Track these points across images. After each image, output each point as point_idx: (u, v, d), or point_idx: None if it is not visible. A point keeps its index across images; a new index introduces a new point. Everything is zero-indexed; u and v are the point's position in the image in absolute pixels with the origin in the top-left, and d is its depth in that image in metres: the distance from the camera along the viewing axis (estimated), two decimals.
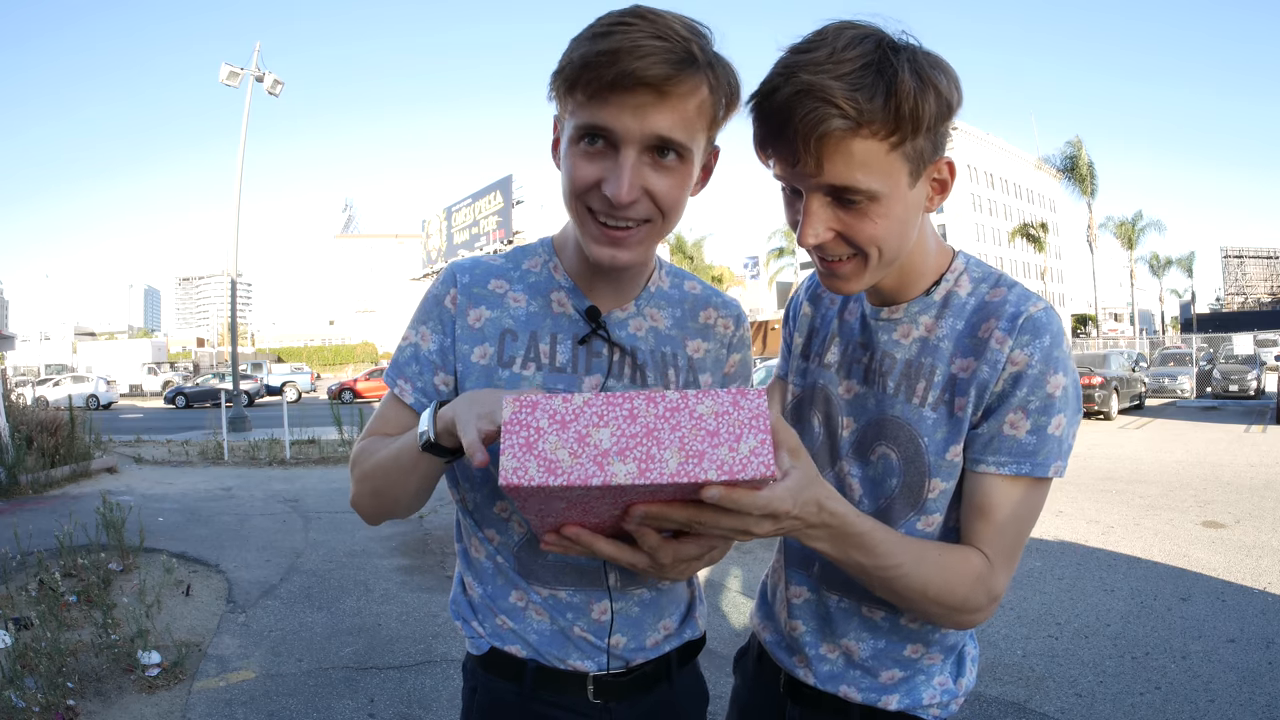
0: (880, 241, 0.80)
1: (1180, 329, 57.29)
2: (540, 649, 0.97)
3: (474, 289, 0.96)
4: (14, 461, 7.48)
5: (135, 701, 2.96)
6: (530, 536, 0.96)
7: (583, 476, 0.59)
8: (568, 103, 0.80)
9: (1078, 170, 35.34)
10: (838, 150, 0.74)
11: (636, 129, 0.77)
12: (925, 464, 0.87)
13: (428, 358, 0.96)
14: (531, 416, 0.61)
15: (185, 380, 34.12)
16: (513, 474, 0.59)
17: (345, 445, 10.47)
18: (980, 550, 0.84)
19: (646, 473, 0.59)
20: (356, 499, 0.97)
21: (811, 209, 0.79)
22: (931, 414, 0.87)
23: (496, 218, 33.44)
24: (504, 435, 0.61)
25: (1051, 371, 0.82)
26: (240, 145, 17.11)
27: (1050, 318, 0.83)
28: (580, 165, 0.80)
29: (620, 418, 0.61)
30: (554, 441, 0.60)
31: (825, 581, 0.98)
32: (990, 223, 64.81)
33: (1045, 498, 0.86)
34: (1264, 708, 2.87)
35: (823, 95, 0.71)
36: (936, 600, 0.82)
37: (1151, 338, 40.21)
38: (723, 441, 0.59)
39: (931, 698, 0.96)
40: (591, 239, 0.84)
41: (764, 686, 1.09)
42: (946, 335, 0.88)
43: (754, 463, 0.59)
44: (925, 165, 0.79)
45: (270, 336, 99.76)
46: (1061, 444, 0.83)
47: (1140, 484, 7.48)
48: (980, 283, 0.90)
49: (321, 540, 5.63)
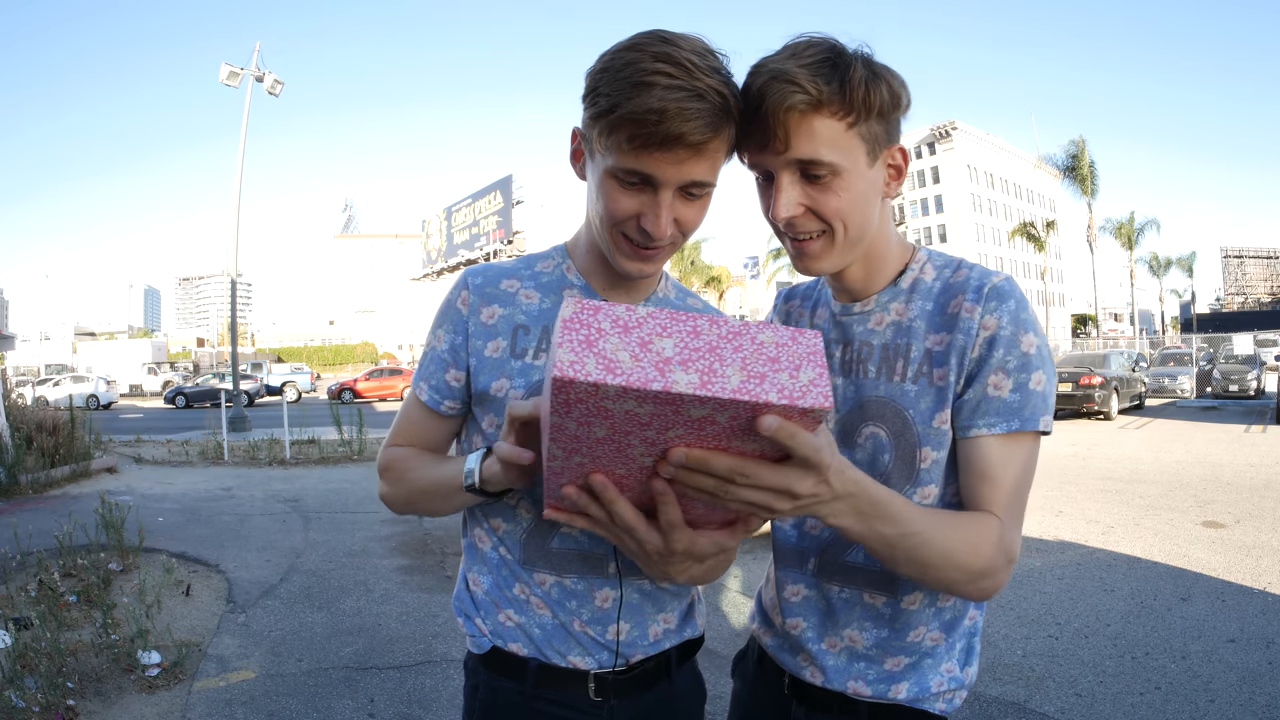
0: (845, 215, 0.88)
1: (1180, 329, 57.29)
2: (542, 645, 0.98)
3: (486, 289, 1.01)
4: (14, 461, 7.48)
5: (135, 701, 2.96)
6: (537, 523, 0.98)
7: (643, 379, 0.56)
8: (607, 141, 0.85)
9: (1078, 170, 35.37)
10: (801, 125, 0.84)
11: (675, 177, 0.85)
12: (914, 434, 0.92)
13: (440, 357, 1.01)
14: (594, 318, 0.59)
15: (185, 380, 34.13)
16: (569, 367, 0.56)
17: (345, 445, 10.47)
18: (990, 512, 0.87)
19: (709, 384, 0.57)
20: (388, 499, 1.06)
21: (782, 184, 0.87)
22: (913, 387, 0.93)
23: (496, 218, 33.44)
24: (563, 332, 0.58)
25: (1022, 331, 0.89)
26: (240, 145, 17.11)
27: (1012, 286, 0.91)
28: (619, 199, 0.88)
29: (684, 332, 0.59)
30: (615, 343, 0.58)
31: (823, 574, 0.99)
32: (990, 222, 64.80)
33: (1038, 454, 0.91)
34: (1264, 708, 2.87)
35: (787, 78, 0.82)
36: (961, 565, 0.83)
37: (1151, 338, 40.24)
38: (783, 368, 0.58)
39: (939, 685, 0.97)
40: (624, 256, 0.93)
41: (766, 689, 1.09)
42: (918, 316, 0.95)
43: (813, 392, 0.58)
44: (880, 149, 0.88)
45: (270, 336, 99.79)
46: (1045, 399, 0.89)
47: (1140, 484, 7.49)
48: (943, 268, 0.97)
49: (321, 540, 5.63)
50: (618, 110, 0.81)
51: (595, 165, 0.89)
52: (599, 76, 0.84)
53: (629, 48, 0.83)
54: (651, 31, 0.85)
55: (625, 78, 0.81)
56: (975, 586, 0.85)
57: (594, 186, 0.91)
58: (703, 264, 42.56)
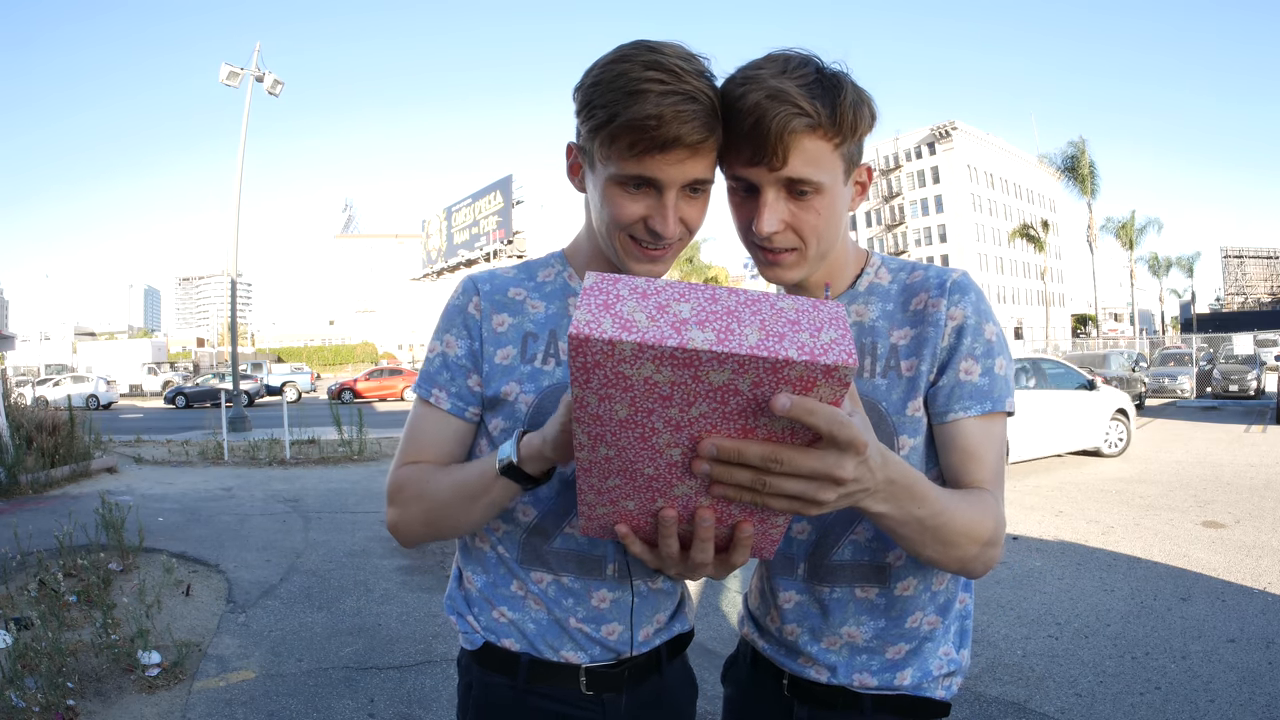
0: (820, 232, 0.91)
1: (1180, 329, 57.30)
2: (535, 640, 1.00)
3: (495, 296, 1.01)
4: (14, 461, 7.48)
5: (135, 701, 2.96)
6: (538, 524, 0.98)
7: (658, 337, 0.55)
8: (608, 150, 0.87)
9: (1079, 170, 35.34)
10: (798, 146, 0.86)
11: (678, 177, 0.88)
12: (889, 424, 0.95)
13: (458, 362, 1.00)
14: (614, 286, 0.60)
15: (185, 380, 34.11)
16: (585, 325, 0.56)
17: (345, 445, 10.47)
18: (981, 487, 0.92)
19: (725, 341, 0.55)
20: (402, 523, 0.97)
21: (769, 200, 0.89)
22: (882, 380, 0.97)
23: (496, 218, 33.45)
24: (583, 298, 0.58)
25: (985, 320, 0.95)
26: (240, 145, 17.11)
27: (970, 280, 0.98)
28: (625, 204, 0.90)
29: (702, 298, 0.59)
30: (632, 306, 0.58)
31: (813, 577, 1.00)
32: (990, 223, 64.78)
33: (1006, 432, 0.98)
34: (1264, 708, 2.87)
35: (789, 99, 0.84)
36: (976, 537, 0.85)
37: (1151, 338, 40.20)
38: (804, 329, 0.57)
39: (939, 668, 1.00)
40: (633, 259, 0.95)
41: (764, 691, 1.09)
42: (880, 316, 0.99)
43: (835, 350, 0.56)
44: (854, 167, 0.93)
45: (270, 336, 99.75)
46: (1008, 382, 0.96)
47: (1140, 484, 7.49)
48: (898, 271, 1.02)
49: (321, 540, 5.64)
50: (617, 120, 0.84)
51: (596, 176, 0.92)
52: (592, 91, 0.87)
53: (617, 59, 0.86)
54: (636, 42, 0.87)
55: (619, 88, 0.84)
56: (983, 560, 0.87)
57: (597, 196, 0.93)
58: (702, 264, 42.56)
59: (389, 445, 10.77)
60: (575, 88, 0.90)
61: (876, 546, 0.97)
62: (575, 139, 0.95)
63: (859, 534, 0.97)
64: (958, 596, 1.03)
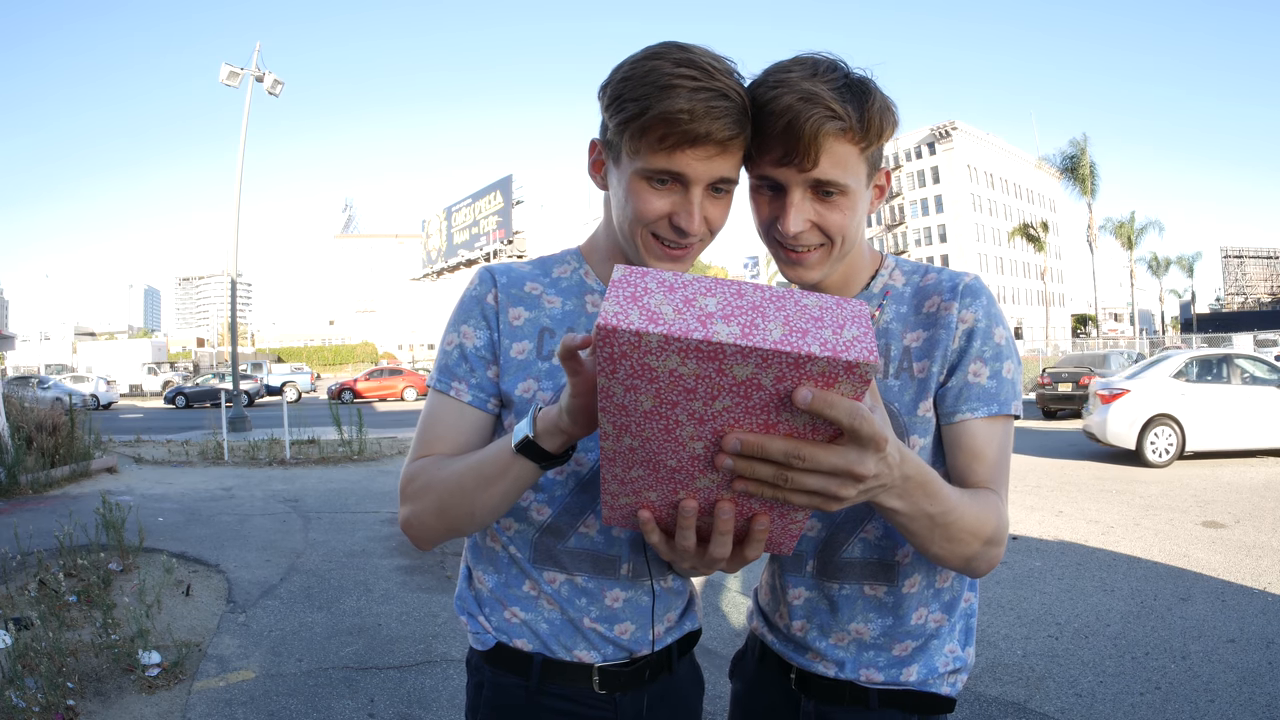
0: (844, 231, 0.93)
1: (1180, 329, 57.33)
2: (548, 640, 1.00)
3: (512, 289, 1.01)
4: (14, 461, 7.48)
5: (135, 701, 2.96)
6: (552, 523, 0.98)
7: (684, 329, 0.57)
8: (638, 143, 0.87)
9: (1079, 170, 35.37)
10: (829, 149, 0.88)
11: (705, 174, 0.88)
12: (901, 424, 0.96)
13: (477, 353, 0.98)
14: (641, 279, 0.61)
15: (185, 380, 34.14)
16: (613, 316, 0.57)
17: (345, 445, 10.44)
18: (986, 486, 0.93)
19: (750, 335, 0.57)
20: (414, 519, 0.94)
21: (796, 200, 0.90)
22: (895, 382, 0.98)
23: (496, 218, 33.44)
24: (610, 290, 0.60)
25: (995, 324, 0.97)
26: (240, 145, 17.12)
27: (982, 284, 0.99)
28: (651, 200, 0.90)
29: (728, 293, 0.60)
30: (659, 299, 0.59)
31: (823, 574, 1.01)
32: (990, 222, 64.82)
33: (1013, 435, 0.99)
34: (1264, 708, 2.87)
35: (823, 101, 0.85)
36: (981, 535, 0.86)
37: (1151, 338, 40.24)
38: (827, 325, 0.59)
39: (945, 665, 1.01)
40: (654, 257, 0.94)
41: (772, 685, 1.10)
42: (894, 319, 1.00)
43: (857, 347, 0.57)
44: (875, 171, 0.95)
45: (270, 336, 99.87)
46: (1015, 386, 0.97)
47: (1140, 484, 7.49)
48: (912, 274, 1.04)
49: (321, 540, 5.64)
50: (649, 112, 0.84)
51: (621, 171, 0.91)
52: (622, 85, 0.87)
53: (648, 57, 0.86)
54: (666, 42, 0.88)
55: (651, 82, 0.84)
56: (986, 558, 0.88)
57: (621, 191, 0.92)
58: (702, 263, 42.60)
59: (389, 445, 10.75)
60: (602, 85, 0.90)
61: (886, 544, 0.98)
62: (600, 134, 0.94)
63: (869, 531, 0.98)
64: (963, 595, 1.04)
